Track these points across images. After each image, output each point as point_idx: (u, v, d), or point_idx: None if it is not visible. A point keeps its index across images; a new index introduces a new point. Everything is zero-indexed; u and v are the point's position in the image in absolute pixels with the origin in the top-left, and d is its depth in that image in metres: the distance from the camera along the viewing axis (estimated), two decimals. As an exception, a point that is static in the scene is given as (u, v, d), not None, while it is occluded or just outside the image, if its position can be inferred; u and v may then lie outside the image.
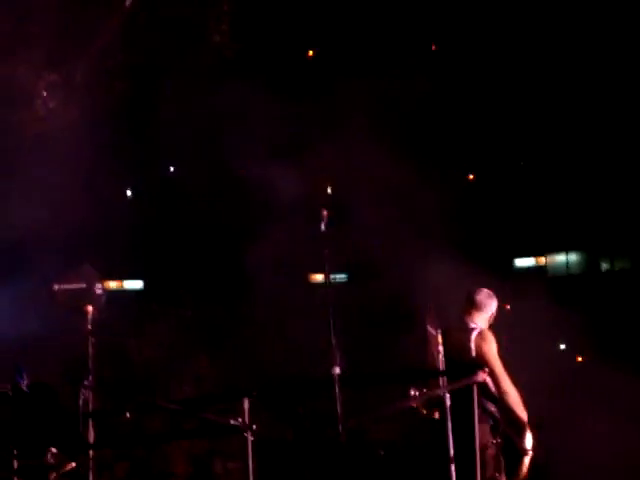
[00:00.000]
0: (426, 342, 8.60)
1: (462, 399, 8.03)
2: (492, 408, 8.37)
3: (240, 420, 7.81)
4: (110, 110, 13.47)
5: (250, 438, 7.75)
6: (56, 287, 8.69)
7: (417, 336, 8.89)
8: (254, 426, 7.76)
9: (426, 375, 8.55)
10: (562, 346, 16.49)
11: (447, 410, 8.02)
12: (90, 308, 8.35)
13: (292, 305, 14.45)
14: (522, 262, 17.96)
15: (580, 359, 16.52)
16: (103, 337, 9.02)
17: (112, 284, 15.48)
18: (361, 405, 8.70)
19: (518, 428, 8.41)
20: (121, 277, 16.28)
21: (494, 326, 8.96)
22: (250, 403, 7.89)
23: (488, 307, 8.94)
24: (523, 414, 8.45)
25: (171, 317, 14.85)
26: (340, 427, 7.23)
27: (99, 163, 13.68)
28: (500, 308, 9.05)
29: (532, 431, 8.45)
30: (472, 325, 8.82)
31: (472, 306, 8.90)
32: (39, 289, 11.08)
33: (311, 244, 7.86)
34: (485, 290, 9.00)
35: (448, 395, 8.11)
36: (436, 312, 8.45)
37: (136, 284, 16.73)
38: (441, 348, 8.23)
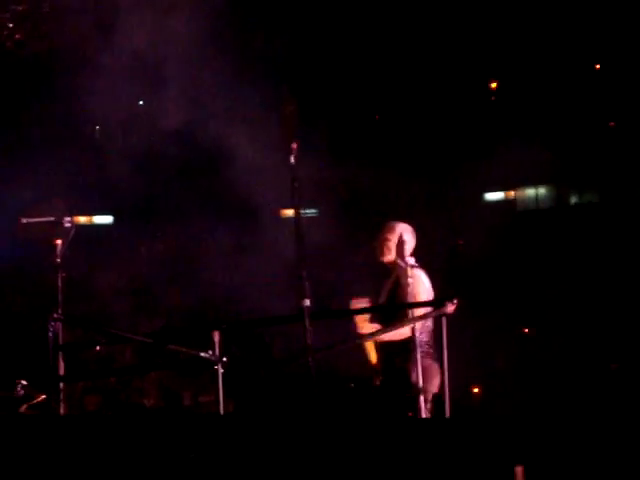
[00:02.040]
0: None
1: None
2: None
3: (210, 353, 7.82)
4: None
5: (220, 370, 7.76)
6: (24, 220, 8.61)
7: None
8: (224, 358, 7.76)
9: (396, 308, 8.57)
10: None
11: (416, 342, 8.07)
12: (59, 241, 8.30)
13: (264, 239, 14.44)
14: (491, 196, 17.96)
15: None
16: (72, 271, 8.98)
17: (82, 219, 15.40)
18: (331, 339, 8.74)
19: None
20: (91, 212, 16.18)
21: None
22: (220, 336, 7.89)
23: (409, 242, 8.85)
24: None
25: (141, 251, 14.83)
26: (310, 359, 7.24)
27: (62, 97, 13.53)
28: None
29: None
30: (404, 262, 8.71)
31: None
32: (8, 223, 10.98)
33: (282, 178, 7.81)
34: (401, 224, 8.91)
35: (418, 326, 8.16)
36: (405, 246, 8.44)
37: (106, 219, 16.66)
38: (410, 280, 8.24)
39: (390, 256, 8.67)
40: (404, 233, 8.77)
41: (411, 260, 8.69)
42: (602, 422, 4.80)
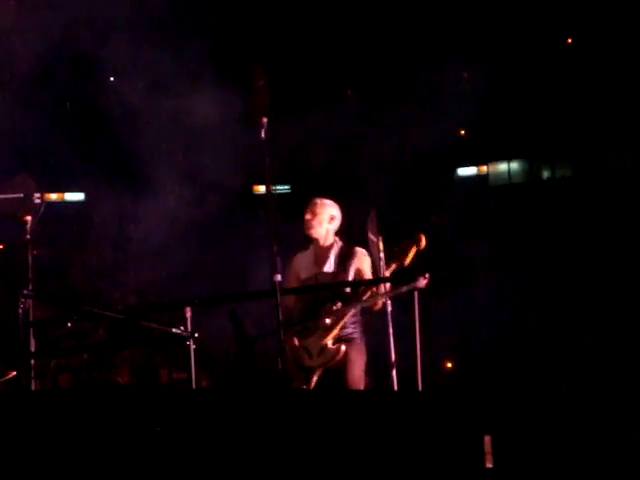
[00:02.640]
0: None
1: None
2: None
3: (182, 328, 7.82)
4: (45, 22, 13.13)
5: (192, 346, 7.76)
6: (-8, 196, 8.55)
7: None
8: (196, 334, 7.76)
9: (369, 282, 8.58)
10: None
11: (388, 316, 8.10)
12: (29, 218, 8.26)
13: (235, 216, 14.45)
14: (464, 171, 17.95)
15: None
16: (43, 248, 8.94)
17: (53, 196, 15.31)
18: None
19: None
20: (62, 189, 16.09)
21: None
22: (192, 312, 7.89)
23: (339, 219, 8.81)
24: None
25: (113, 229, 14.76)
26: (282, 334, 7.25)
27: (35, 74, 13.42)
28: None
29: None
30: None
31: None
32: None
33: (253, 153, 7.78)
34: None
35: (389, 302, 8.18)
36: (377, 219, 8.45)
37: (77, 196, 16.55)
38: (382, 255, 8.25)
39: (318, 230, 8.64)
40: (336, 209, 8.74)
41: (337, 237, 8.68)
42: (571, 394, 4.84)
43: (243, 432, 4.96)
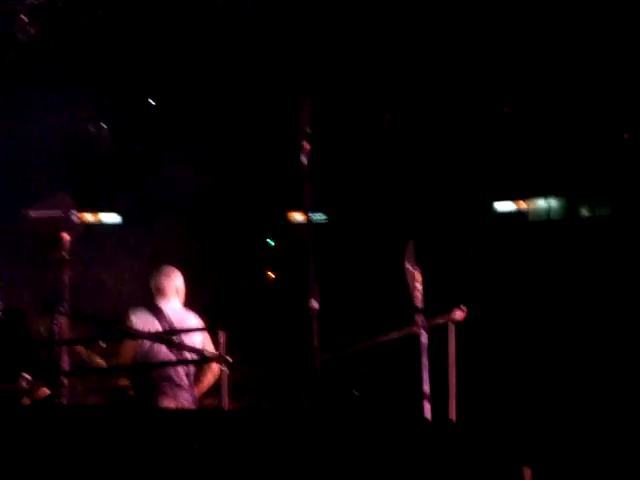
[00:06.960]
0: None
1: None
2: None
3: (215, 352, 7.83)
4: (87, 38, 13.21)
5: (226, 371, 7.76)
6: (32, 214, 8.61)
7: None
8: (229, 358, 7.76)
9: (404, 312, 8.54)
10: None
11: (423, 348, 8.04)
12: (66, 236, 8.29)
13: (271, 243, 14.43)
14: (502, 206, 17.84)
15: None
16: (79, 268, 8.96)
17: (89, 217, 15.35)
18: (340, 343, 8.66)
19: None
20: (98, 210, 16.12)
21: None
22: (226, 337, 7.89)
23: None
24: None
25: (148, 252, 14.73)
26: (316, 361, 7.20)
27: (77, 94, 13.49)
28: None
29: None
30: None
31: None
32: (13, 218, 10.92)
33: (291, 180, 7.77)
34: None
35: (425, 333, 8.12)
36: (415, 249, 8.42)
37: (113, 218, 16.57)
38: (419, 285, 8.22)
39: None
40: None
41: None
42: (608, 423, 4.76)
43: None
